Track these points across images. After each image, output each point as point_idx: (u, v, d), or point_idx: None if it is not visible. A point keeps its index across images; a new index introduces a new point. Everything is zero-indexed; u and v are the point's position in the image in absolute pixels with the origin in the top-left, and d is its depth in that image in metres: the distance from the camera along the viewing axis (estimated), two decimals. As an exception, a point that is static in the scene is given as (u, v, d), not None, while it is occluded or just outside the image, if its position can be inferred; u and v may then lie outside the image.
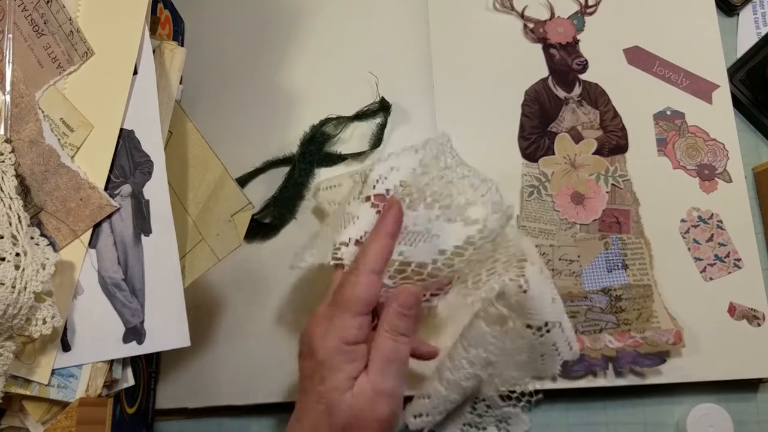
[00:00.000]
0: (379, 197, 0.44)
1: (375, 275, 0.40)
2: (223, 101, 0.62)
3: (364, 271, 0.40)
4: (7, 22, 0.46)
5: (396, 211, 0.43)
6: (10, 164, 0.44)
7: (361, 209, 0.45)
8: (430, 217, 0.44)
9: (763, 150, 0.62)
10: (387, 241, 0.42)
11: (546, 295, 0.45)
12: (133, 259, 0.46)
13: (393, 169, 0.46)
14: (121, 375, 0.47)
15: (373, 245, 0.41)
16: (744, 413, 0.56)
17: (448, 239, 0.44)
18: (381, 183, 0.45)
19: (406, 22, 0.63)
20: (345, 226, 0.44)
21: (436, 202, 0.45)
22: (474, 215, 0.45)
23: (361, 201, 0.45)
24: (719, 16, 0.63)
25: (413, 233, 0.44)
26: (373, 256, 0.41)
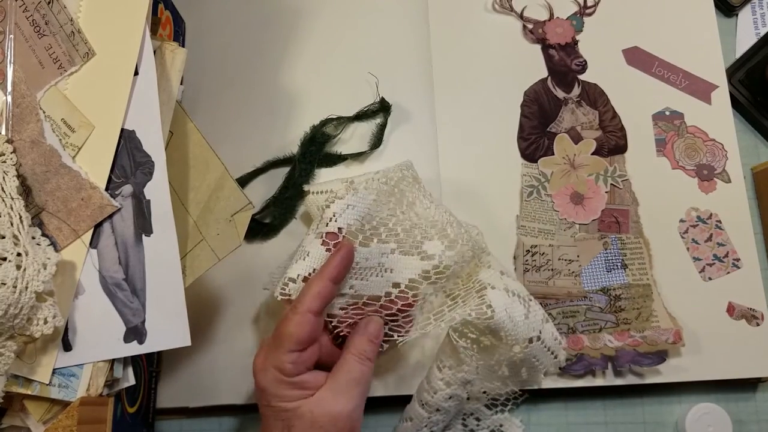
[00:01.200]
0: (331, 235, 0.45)
1: (311, 315, 0.42)
2: (224, 101, 0.62)
3: (301, 311, 0.42)
4: (8, 22, 0.46)
5: (343, 255, 0.44)
6: (12, 164, 0.44)
7: (312, 245, 0.45)
8: (383, 251, 0.46)
9: (761, 150, 0.62)
10: (328, 284, 0.43)
11: (517, 313, 0.46)
12: (134, 259, 0.46)
13: (349, 207, 0.46)
14: (122, 374, 0.47)
15: (313, 286, 0.43)
16: (743, 413, 0.56)
17: (404, 272, 0.46)
18: (334, 221, 0.45)
19: (406, 22, 0.63)
20: (296, 261, 0.45)
21: (391, 237, 0.46)
22: (430, 250, 0.46)
23: (314, 237, 0.46)
24: (718, 17, 0.63)
25: (365, 269, 0.46)
26: (312, 296, 0.42)
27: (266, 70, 0.63)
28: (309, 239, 0.46)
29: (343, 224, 0.45)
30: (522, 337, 0.46)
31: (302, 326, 0.41)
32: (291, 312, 0.42)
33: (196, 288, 0.52)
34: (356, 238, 0.45)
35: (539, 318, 0.47)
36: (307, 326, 0.42)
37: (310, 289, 0.42)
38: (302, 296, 0.42)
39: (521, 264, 0.57)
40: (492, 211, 0.58)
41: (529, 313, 0.46)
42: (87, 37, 0.47)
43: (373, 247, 0.46)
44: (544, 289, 0.56)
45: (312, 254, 0.45)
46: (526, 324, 0.46)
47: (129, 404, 0.50)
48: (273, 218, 0.58)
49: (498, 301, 0.45)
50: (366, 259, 0.45)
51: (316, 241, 0.45)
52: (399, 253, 0.46)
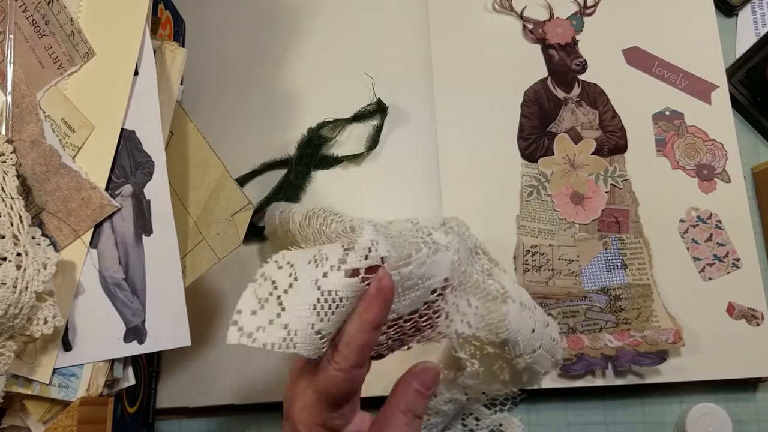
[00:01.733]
0: (373, 269, 0.36)
1: (357, 369, 0.36)
2: (224, 101, 0.62)
3: (346, 367, 0.35)
4: (8, 22, 0.47)
5: (385, 296, 0.36)
6: (12, 164, 0.44)
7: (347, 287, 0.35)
8: (421, 260, 0.38)
9: (761, 150, 0.62)
10: (372, 334, 0.36)
11: (526, 329, 0.43)
12: (134, 259, 0.46)
13: (379, 233, 0.37)
14: (122, 374, 0.47)
15: (357, 339, 0.35)
16: (743, 413, 0.56)
17: (440, 273, 0.39)
18: (375, 250, 0.36)
19: (406, 22, 0.63)
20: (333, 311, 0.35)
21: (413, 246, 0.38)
22: (442, 241, 0.40)
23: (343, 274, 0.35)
24: (718, 17, 0.63)
25: (407, 288, 0.38)
26: (356, 351, 0.35)
27: (266, 70, 0.63)
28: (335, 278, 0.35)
29: (384, 252, 0.36)
30: (527, 351, 0.45)
31: (349, 384, 0.36)
32: (333, 367, 0.35)
33: (196, 288, 0.52)
34: (399, 263, 0.37)
35: (542, 326, 0.46)
36: (355, 383, 0.36)
37: (354, 342, 0.35)
38: (345, 348, 0.35)
39: (521, 264, 0.57)
40: (492, 211, 0.58)
41: (535, 325, 0.44)
42: (87, 37, 0.47)
43: (413, 262, 0.37)
44: (544, 289, 0.56)
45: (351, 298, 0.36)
46: (533, 337, 0.45)
47: (129, 404, 0.50)
48: (273, 218, 0.58)
49: (513, 318, 0.42)
50: (409, 279, 0.38)
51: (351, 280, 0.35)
52: (433, 254, 0.39)
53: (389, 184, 0.60)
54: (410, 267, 0.37)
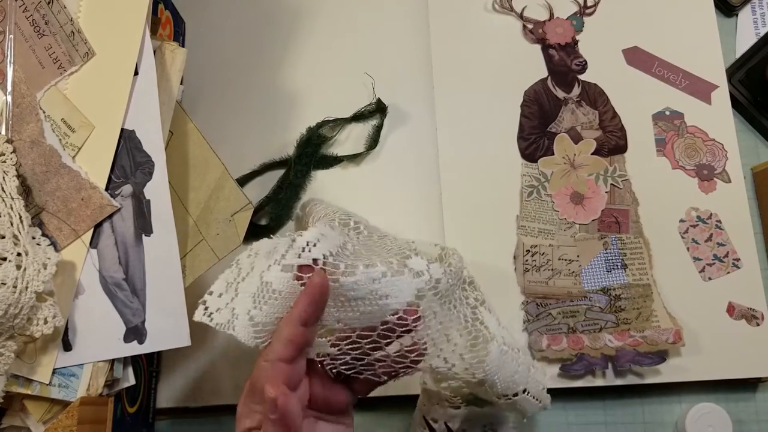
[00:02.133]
0: (306, 269, 0.38)
1: (283, 363, 0.37)
2: (224, 101, 0.62)
3: (271, 359, 0.37)
4: (8, 22, 0.47)
5: (312, 294, 0.37)
6: (12, 164, 0.44)
7: (281, 281, 0.38)
8: (373, 276, 0.39)
9: (761, 150, 0.62)
10: (299, 329, 0.37)
11: (505, 371, 0.43)
12: (134, 259, 0.46)
13: (323, 236, 0.39)
14: (122, 374, 0.47)
15: (283, 332, 0.37)
16: (743, 413, 0.56)
17: (400, 295, 0.39)
18: (308, 251, 0.38)
19: (406, 22, 0.63)
20: (266, 301, 0.38)
21: (377, 259, 0.40)
22: (417, 267, 0.40)
23: (280, 268, 0.38)
24: (718, 17, 0.63)
25: (355, 300, 0.39)
26: (282, 344, 0.37)
27: (266, 70, 0.63)
28: (274, 272, 0.38)
29: (318, 254, 0.38)
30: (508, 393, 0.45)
31: (276, 376, 0.37)
32: (263, 359, 0.37)
33: (196, 288, 0.52)
34: (337, 269, 0.38)
35: (525, 369, 0.45)
36: (282, 375, 0.37)
37: (280, 335, 0.37)
38: (273, 342, 0.38)
39: (521, 264, 0.57)
40: (492, 211, 0.58)
41: (519, 369, 0.44)
42: (87, 37, 0.47)
43: (360, 273, 0.38)
44: (544, 289, 0.56)
45: (285, 293, 0.38)
46: (514, 381, 0.45)
47: (129, 404, 0.50)
48: (270, 220, 0.58)
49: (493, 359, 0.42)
50: (353, 290, 0.38)
51: (286, 275, 0.38)
52: (391, 276, 0.39)
53: (389, 184, 0.60)
54: (355, 278, 0.38)
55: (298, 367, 0.38)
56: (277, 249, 0.40)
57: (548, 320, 0.55)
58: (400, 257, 0.41)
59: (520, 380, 0.45)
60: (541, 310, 0.55)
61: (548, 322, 0.55)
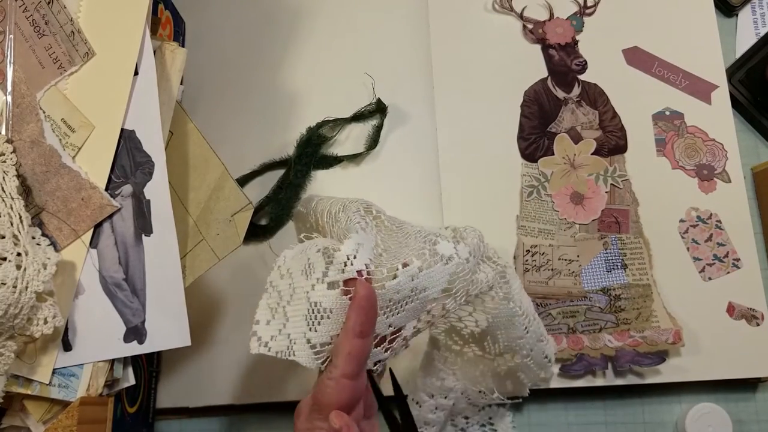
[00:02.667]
0: (352, 282, 0.38)
1: (348, 380, 0.37)
2: (224, 101, 0.62)
3: (336, 377, 0.37)
4: (8, 22, 0.47)
5: (362, 305, 0.37)
6: (12, 164, 0.44)
7: (330, 299, 0.38)
8: (411, 273, 0.39)
9: (761, 150, 0.62)
10: (356, 342, 0.37)
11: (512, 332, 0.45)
12: (134, 259, 0.46)
13: (359, 244, 0.39)
14: (122, 374, 0.47)
15: (342, 347, 0.37)
16: (743, 413, 0.56)
17: (437, 285, 0.41)
18: (351, 264, 0.38)
19: (406, 22, 0.63)
20: (319, 322, 0.38)
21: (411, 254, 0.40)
22: (446, 252, 0.41)
23: (326, 287, 0.38)
24: (718, 17, 0.63)
25: (398, 300, 0.40)
26: (344, 360, 0.37)
27: (266, 70, 0.63)
28: (320, 291, 0.38)
29: (361, 265, 0.38)
30: (506, 351, 0.46)
31: (340, 393, 0.37)
32: (326, 377, 0.38)
33: (196, 288, 0.52)
34: (382, 275, 0.39)
35: (535, 338, 0.47)
36: (346, 392, 0.37)
37: (339, 352, 0.37)
38: (335, 357, 0.38)
39: (521, 264, 0.57)
40: (492, 211, 0.58)
41: (526, 335, 0.46)
42: (87, 37, 0.47)
43: (401, 274, 0.39)
44: (544, 289, 0.56)
45: (336, 309, 0.38)
46: (519, 344, 0.46)
47: (129, 404, 0.50)
48: (270, 220, 0.58)
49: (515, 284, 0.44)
50: (398, 292, 0.39)
51: (333, 292, 0.38)
52: (427, 268, 0.40)
53: (389, 184, 0.60)
54: (397, 280, 0.39)
55: (360, 382, 0.38)
56: (313, 266, 0.39)
57: (548, 320, 0.55)
58: (430, 245, 0.41)
59: (526, 344, 0.46)
60: (541, 310, 0.55)
61: (548, 322, 0.55)
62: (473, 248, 0.44)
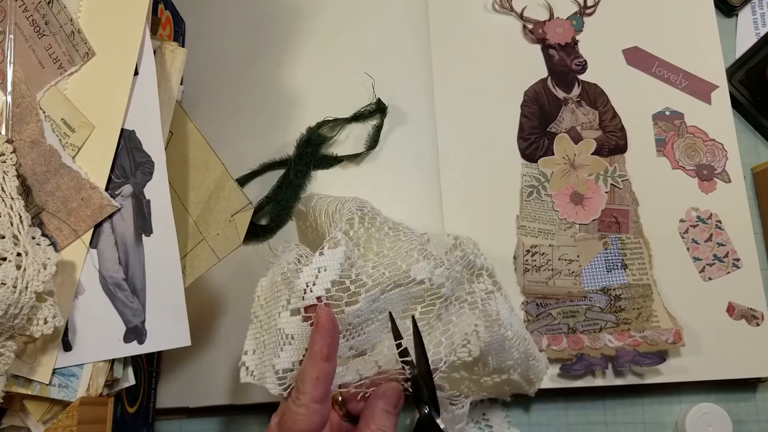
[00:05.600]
0: (312, 308, 0.40)
1: (316, 404, 0.38)
2: (224, 102, 0.62)
3: (305, 402, 0.38)
4: (8, 22, 0.47)
5: (326, 328, 0.38)
6: (12, 164, 0.44)
7: (292, 325, 0.40)
8: (373, 299, 0.41)
9: (761, 150, 0.62)
10: (323, 366, 0.38)
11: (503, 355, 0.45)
12: (134, 259, 0.46)
13: (320, 270, 0.40)
14: (122, 374, 0.47)
15: (309, 372, 0.38)
16: (743, 413, 0.56)
17: (397, 306, 0.42)
18: (310, 291, 0.40)
19: (406, 22, 0.63)
20: (282, 348, 0.40)
21: (377, 281, 0.41)
22: (419, 276, 0.42)
23: (289, 314, 0.40)
24: (718, 17, 0.63)
25: (359, 324, 0.41)
26: (312, 384, 0.38)
27: (266, 70, 0.63)
28: (284, 318, 0.40)
29: (320, 292, 0.40)
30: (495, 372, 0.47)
31: (309, 419, 0.37)
32: (293, 404, 0.38)
33: (196, 288, 0.52)
34: (341, 301, 0.40)
35: (524, 359, 0.47)
36: (315, 417, 0.38)
37: (306, 377, 0.38)
38: (301, 384, 0.38)
39: (521, 264, 0.57)
40: (492, 211, 0.58)
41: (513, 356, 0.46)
42: (87, 37, 0.47)
43: (362, 300, 0.40)
44: (544, 289, 0.56)
45: (297, 335, 0.39)
46: (508, 365, 0.46)
47: (129, 404, 0.50)
48: (270, 220, 0.58)
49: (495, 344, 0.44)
50: (358, 317, 0.41)
51: (295, 319, 0.39)
52: (391, 289, 0.42)
53: (389, 184, 0.60)
54: (357, 306, 0.40)
55: (327, 407, 0.39)
56: (279, 293, 0.41)
57: (548, 320, 0.55)
58: (406, 265, 0.42)
59: (514, 365, 0.46)
60: (541, 310, 0.55)
61: (548, 322, 0.55)
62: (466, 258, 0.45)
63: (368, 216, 0.46)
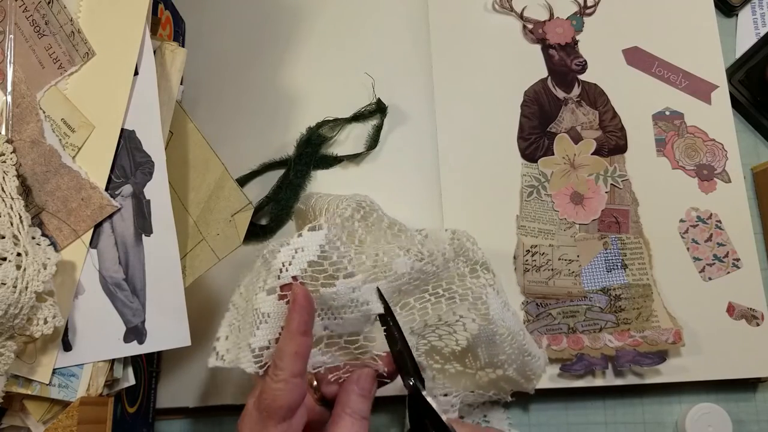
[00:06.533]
0: (287, 287, 0.40)
1: (295, 378, 0.37)
2: (224, 102, 0.62)
3: (284, 377, 0.37)
4: (8, 22, 0.47)
5: (301, 303, 0.38)
6: (12, 164, 0.44)
7: (268, 304, 0.40)
8: (352, 285, 0.41)
9: (761, 150, 0.62)
10: (301, 339, 0.38)
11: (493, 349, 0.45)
12: (134, 259, 0.46)
13: (297, 251, 0.40)
14: (122, 374, 0.47)
15: (288, 346, 0.38)
16: (743, 413, 0.56)
17: (378, 302, 0.42)
18: (285, 270, 0.40)
19: (406, 22, 0.63)
20: (258, 326, 0.40)
21: (359, 268, 0.42)
22: (400, 269, 0.42)
23: (266, 294, 0.40)
24: (718, 17, 0.63)
25: (337, 308, 0.41)
26: (290, 359, 0.37)
27: (266, 70, 0.63)
28: (261, 298, 0.40)
29: (296, 272, 0.40)
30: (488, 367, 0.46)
31: (289, 394, 0.37)
32: (272, 380, 0.37)
33: (196, 288, 0.52)
34: (317, 282, 0.40)
35: (518, 355, 0.47)
36: (295, 392, 0.37)
37: (285, 351, 0.38)
38: (279, 360, 0.38)
39: (521, 264, 0.57)
40: (492, 211, 0.58)
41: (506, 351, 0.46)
42: (87, 37, 0.47)
43: (339, 285, 0.41)
44: (544, 289, 0.56)
45: (273, 314, 0.40)
46: (501, 359, 0.46)
47: (129, 404, 0.50)
48: (270, 220, 0.58)
49: (494, 302, 0.44)
50: (334, 299, 0.41)
51: (271, 298, 0.40)
52: (370, 282, 0.42)
53: (389, 184, 0.60)
54: (334, 288, 0.40)
55: (305, 382, 0.39)
56: (259, 276, 0.41)
57: (548, 320, 0.55)
58: (388, 258, 0.43)
59: (507, 360, 0.46)
60: (541, 310, 0.55)
61: (548, 322, 0.55)
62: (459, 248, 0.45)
63: (365, 209, 0.46)
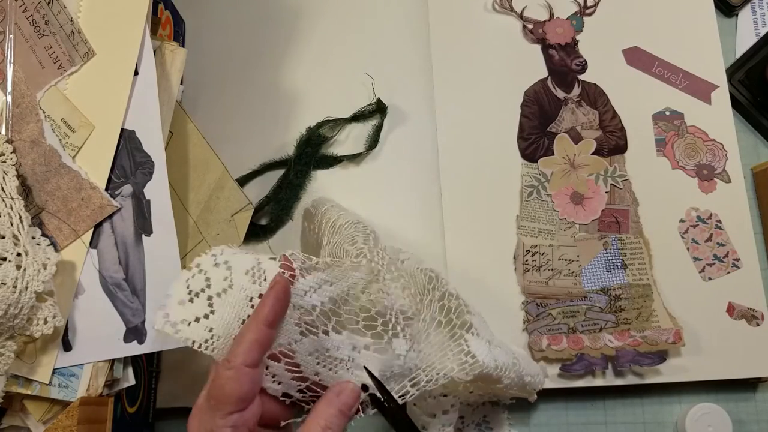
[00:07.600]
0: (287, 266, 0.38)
1: (249, 368, 0.35)
2: (224, 101, 0.62)
3: (236, 365, 0.35)
4: (8, 22, 0.47)
5: (279, 294, 0.36)
6: (12, 164, 0.44)
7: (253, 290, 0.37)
8: (356, 345, 0.39)
9: (761, 150, 0.62)
10: (264, 330, 0.36)
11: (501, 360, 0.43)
12: (134, 259, 0.46)
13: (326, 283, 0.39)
14: (122, 374, 0.47)
15: (248, 334, 0.36)
16: (743, 413, 0.56)
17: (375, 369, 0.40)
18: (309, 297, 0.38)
19: (406, 22, 0.63)
20: None
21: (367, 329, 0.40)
22: (398, 349, 0.40)
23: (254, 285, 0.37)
24: (718, 17, 0.63)
25: (334, 359, 0.39)
26: (247, 346, 0.35)
27: (266, 70, 0.63)
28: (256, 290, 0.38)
29: (317, 302, 0.38)
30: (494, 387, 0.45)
31: (240, 383, 0.35)
32: (224, 367, 0.35)
33: (196, 288, 0.52)
34: (329, 321, 0.39)
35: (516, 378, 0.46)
36: (246, 382, 0.35)
37: (245, 338, 0.35)
38: (236, 346, 0.35)
39: (521, 264, 0.57)
40: (492, 211, 0.58)
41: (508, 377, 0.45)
42: (87, 37, 0.47)
43: (346, 336, 0.39)
44: (544, 289, 0.56)
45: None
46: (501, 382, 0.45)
47: (129, 404, 0.50)
48: (270, 220, 0.58)
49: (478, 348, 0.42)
50: (337, 348, 0.39)
51: None
52: (374, 351, 0.40)
53: (389, 184, 0.60)
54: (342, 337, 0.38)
55: (259, 374, 0.36)
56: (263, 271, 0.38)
57: (548, 320, 0.55)
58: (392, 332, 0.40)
59: (509, 386, 0.45)
60: (541, 310, 0.55)
61: (548, 322, 0.55)
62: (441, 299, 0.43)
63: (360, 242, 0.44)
